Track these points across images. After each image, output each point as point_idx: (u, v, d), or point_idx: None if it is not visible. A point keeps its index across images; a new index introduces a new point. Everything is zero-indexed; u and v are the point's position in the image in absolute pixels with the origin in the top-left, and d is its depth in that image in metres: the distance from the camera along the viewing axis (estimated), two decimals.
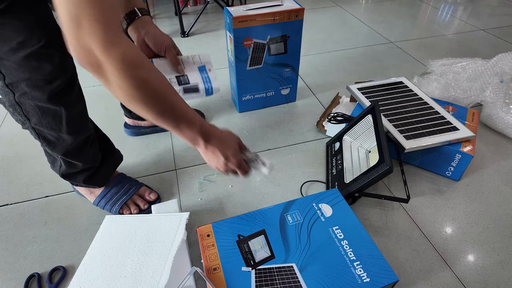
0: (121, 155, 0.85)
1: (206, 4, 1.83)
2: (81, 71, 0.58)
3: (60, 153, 0.67)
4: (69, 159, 0.70)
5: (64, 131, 0.63)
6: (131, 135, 1.03)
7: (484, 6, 1.96)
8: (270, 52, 1.00)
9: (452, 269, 0.68)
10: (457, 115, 0.94)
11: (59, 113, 0.60)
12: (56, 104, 0.58)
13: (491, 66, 1.15)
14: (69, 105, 0.61)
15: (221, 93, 1.22)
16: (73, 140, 0.66)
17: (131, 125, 1.02)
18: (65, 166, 0.71)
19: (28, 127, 0.63)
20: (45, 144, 0.66)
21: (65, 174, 0.73)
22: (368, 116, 0.83)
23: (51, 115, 0.60)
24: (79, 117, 0.65)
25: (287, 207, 0.69)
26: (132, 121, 1.00)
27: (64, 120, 0.61)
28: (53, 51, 0.54)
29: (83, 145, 0.69)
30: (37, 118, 0.60)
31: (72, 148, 0.67)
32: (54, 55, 0.54)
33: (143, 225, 0.69)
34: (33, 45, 0.52)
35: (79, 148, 0.68)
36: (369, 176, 0.72)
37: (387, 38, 1.60)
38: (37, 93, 0.56)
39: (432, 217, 0.78)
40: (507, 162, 0.93)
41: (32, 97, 0.57)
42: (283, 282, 0.56)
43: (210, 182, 0.87)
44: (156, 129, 1.03)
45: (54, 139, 0.65)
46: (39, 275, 0.67)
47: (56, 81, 0.56)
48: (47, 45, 0.53)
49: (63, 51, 0.56)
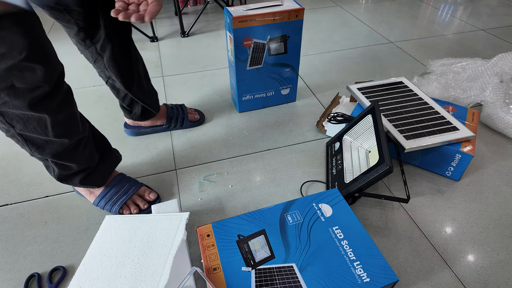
0: (120, 155, 0.85)
1: (206, 4, 1.83)
2: (81, 72, 0.58)
3: (50, 156, 0.66)
4: (61, 161, 0.68)
5: (51, 135, 0.62)
6: (131, 135, 1.03)
7: (484, 6, 1.96)
8: (270, 52, 1.00)
9: (452, 269, 0.68)
10: (457, 115, 0.94)
11: (44, 119, 0.60)
12: (37, 111, 0.58)
13: (491, 66, 1.15)
14: (52, 111, 0.60)
15: (221, 93, 1.22)
16: (62, 143, 0.65)
17: (131, 126, 1.02)
18: (58, 169, 0.70)
19: (13, 134, 0.61)
20: (34, 149, 0.64)
21: (60, 177, 0.72)
22: (368, 116, 0.83)
23: (36, 120, 0.59)
24: (66, 122, 0.64)
25: (287, 207, 0.69)
26: (132, 122, 1.00)
27: (50, 126, 0.61)
28: (35, 64, 0.53)
29: (75, 147, 0.68)
30: (22, 124, 0.59)
31: (62, 150, 0.66)
32: (36, 68, 0.53)
33: (143, 225, 0.69)
34: (14, 58, 0.50)
35: (70, 150, 0.67)
36: (369, 176, 0.72)
37: (387, 38, 1.60)
38: (17, 101, 0.55)
39: (432, 217, 0.78)
40: (507, 162, 0.93)
41: (13, 105, 0.55)
42: (283, 282, 0.56)
43: (210, 182, 0.87)
44: (156, 129, 1.03)
45: (42, 142, 0.64)
46: (39, 275, 0.67)
47: (38, 90, 0.55)
48: (29, 58, 0.52)
49: (47, 63, 0.55)
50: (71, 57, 1.42)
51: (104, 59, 0.78)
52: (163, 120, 1.02)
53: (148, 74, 0.91)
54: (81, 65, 1.38)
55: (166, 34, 1.66)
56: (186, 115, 1.04)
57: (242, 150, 0.97)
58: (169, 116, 1.02)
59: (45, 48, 0.55)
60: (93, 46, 0.75)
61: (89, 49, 0.76)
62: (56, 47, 0.62)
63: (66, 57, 1.41)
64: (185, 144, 1.00)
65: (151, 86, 0.94)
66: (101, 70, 0.82)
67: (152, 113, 0.98)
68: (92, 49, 0.76)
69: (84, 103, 1.18)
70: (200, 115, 1.08)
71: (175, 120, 1.03)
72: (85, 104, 1.17)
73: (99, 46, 0.75)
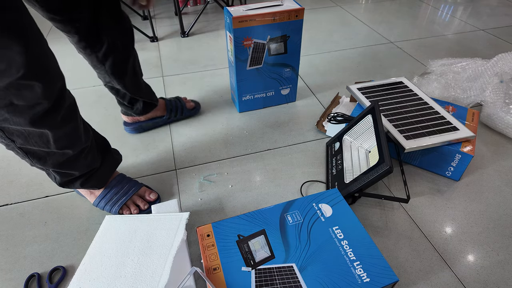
0: (120, 156, 0.85)
1: (206, 4, 1.83)
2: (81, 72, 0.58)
3: (51, 167, 0.66)
4: (63, 171, 0.68)
5: (53, 148, 0.62)
6: (133, 132, 1.03)
7: (484, 6, 1.96)
8: (270, 52, 1.00)
9: (452, 269, 0.68)
10: (457, 115, 0.94)
11: (45, 134, 0.59)
12: (39, 127, 0.57)
13: (491, 66, 1.15)
14: (55, 127, 0.59)
15: (221, 93, 1.22)
16: (64, 154, 0.64)
17: (130, 122, 1.02)
18: (59, 176, 0.70)
19: (13, 148, 0.61)
20: (35, 161, 0.64)
21: (62, 183, 0.72)
22: (368, 116, 0.83)
23: (37, 135, 0.59)
24: (68, 136, 0.63)
25: (287, 207, 0.69)
26: (130, 119, 1.01)
27: (52, 140, 0.60)
28: (33, 82, 0.51)
29: (77, 157, 0.67)
30: (23, 139, 0.59)
31: (64, 160, 0.66)
32: (34, 85, 0.52)
33: (143, 225, 0.69)
34: (11, 76, 0.48)
35: (72, 160, 0.67)
36: (369, 176, 0.72)
37: (387, 38, 1.60)
38: (18, 118, 0.54)
39: (432, 217, 0.78)
40: (507, 162, 0.93)
41: (14, 122, 0.55)
42: (283, 282, 0.56)
43: (210, 182, 0.87)
44: (156, 122, 1.03)
45: (44, 154, 0.63)
46: (39, 275, 0.67)
47: (38, 106, 0.54)
48: (27, 76, 0.50)
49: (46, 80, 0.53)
50: (71, 57, 1.42)
51: (105, 67, 0.78)
52: (163, 111, 1.04)
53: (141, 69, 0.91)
54: (81, 65, 1.38)
55: (166, 34, 1.66)
56: (184, 105, 1.07)
57: (242, 150, 0.97)
58: (169, 107, 1.04)
59: (44, 64, 0.53)
60: (94, 55, 0.75)
61: (90, 56, 0.76)
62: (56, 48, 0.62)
63: (66, 58, 1.41)
64: (185, 144, 1.00)
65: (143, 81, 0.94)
66: (102, 74, 0.82)
67: (153, 105, 0.99)
68: (93, 57, 0.76)
69: (84, 103, 1.18)
70: (195, 103, 1.11)
71: (174, 110, 1.05)
72: (85, 104, 1.17)
73: (100, 55, 0.75)
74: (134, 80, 0.87)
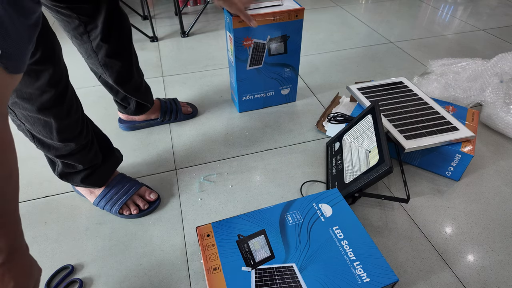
0: (121, 155, 0.85)
1: (206, 4, 1.83)
2: (81, 72, 0.58)
3: (55, 156, 0.69)
4: (66, 161, 0.70)
5: (55, 139, 0.64)
6: (126, 130, 1.04)
7: (484, 6, 1.96)
8: (270, 52, 1.00)
9: (452, 269, 0.68)
10: (457, 115, 0.94)
11: (49, 123, 0.61)
12: (45, 115, 0.60)
13: (491, 66, 1.15)
14: (59, 117, 0.62)
15: (221, 93, 1.22)
16: (65, 147, 0.67)
17: (126, 120, 1.02)
18: (62, 166, 0.72)
19: (23, 129, 0.64)
20: (40, 146, 0.66)
21: (62, 174, 0.73)
22: (368, 116, 0.83)
23: (41, 124, 0.61)
24: (71, 129, 0.66)
25: (287, 207, 0.69)
26: (126, 117, 1.01)
27: (55, 131, 0.62)
28: (42, 67, 0.54)
29: (78, 151, 0.70)
30: (29, 125, 0.62)
31: (66, 153, 0.68)
32: (43, 71, 0.55)
33: None
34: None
35: (74, 153, 0.69)
36: (369, 176, 0.72)
37: (387, 38, 1.60)
38: (26, 104, 0.57)
39: (432, 217, 0.78)
40: (507, 162, 0.93)
41: (22, 107, 0.58)
42: (283, 282, 0.56)
43: (210, 182, 0.87)
44: (150, 123, 1.04)
45: (48, 143, 0.66)
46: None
47: (46, 94, 0.57)
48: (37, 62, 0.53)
49: (54, 66, 0.57)
50: (71, 57, 1.42)
51: (98, 57, 0.78)
52: (157, 114, 1.04)
53: (140, 69, 0.91)
54: (81, 65, 1.37)
55: (166, 34, 1.66)
56: (180, 109, 1.06)
57: (242, 150, 0.97)
58: (163, 109, 1.04)
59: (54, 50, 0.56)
60: (89, 43, 0.75)
61: (85, 45, 0.76)
62: None
63: (66, 57, 1.40)
64: (185, 144, 1.00)
65: (144, 81, 0.94)
66: (94, 65, 0.82)
67: (146, 107, 0.99)
68: (87, 46, 0.76)
69: (84, 103, 1.16)
70: (193, 108, 1.10)
71: (169, 113, 1.04)
72: (85, 104, 1.15)
73: (95, 44, 0.75)
74: (129, 78, 0.86)
